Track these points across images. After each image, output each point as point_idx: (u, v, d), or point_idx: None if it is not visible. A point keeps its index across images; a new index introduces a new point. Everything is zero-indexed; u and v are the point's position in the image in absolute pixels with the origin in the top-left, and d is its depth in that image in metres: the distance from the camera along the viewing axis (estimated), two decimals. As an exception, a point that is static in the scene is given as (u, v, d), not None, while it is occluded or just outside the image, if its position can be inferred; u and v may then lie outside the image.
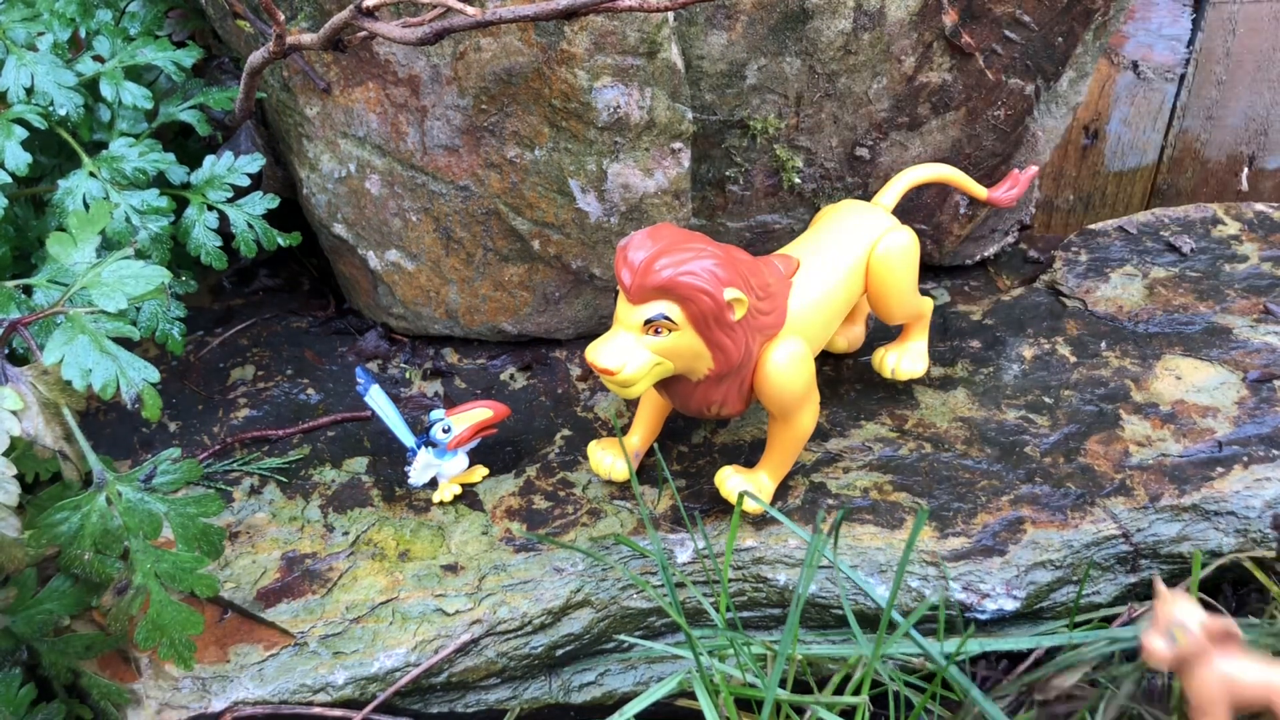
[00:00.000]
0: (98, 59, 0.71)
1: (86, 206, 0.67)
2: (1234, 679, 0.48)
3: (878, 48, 0.68)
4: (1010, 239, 0.86)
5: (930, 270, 0.84)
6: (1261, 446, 0.66)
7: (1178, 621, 0.48)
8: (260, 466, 0.69)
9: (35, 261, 0.70)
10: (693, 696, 0.59)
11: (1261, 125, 0.99)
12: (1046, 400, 0.71)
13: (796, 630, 0.47)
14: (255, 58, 0.66)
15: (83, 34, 0.72)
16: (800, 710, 0.56)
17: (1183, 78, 0.95)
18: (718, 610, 0.57)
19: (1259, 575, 0.63)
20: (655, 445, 0.62)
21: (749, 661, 0.54)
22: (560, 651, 0.60)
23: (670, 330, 0.53)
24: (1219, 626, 0.48)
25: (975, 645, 0.58)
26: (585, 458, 0.68)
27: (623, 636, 0.58)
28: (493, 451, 0.70)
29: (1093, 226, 0.88)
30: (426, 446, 0.65)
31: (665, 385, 0.58)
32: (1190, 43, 0.93)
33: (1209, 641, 0.48)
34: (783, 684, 0.54)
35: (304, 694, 0.57)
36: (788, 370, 0.57)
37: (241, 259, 0.75)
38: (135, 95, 0.70)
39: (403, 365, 0.79)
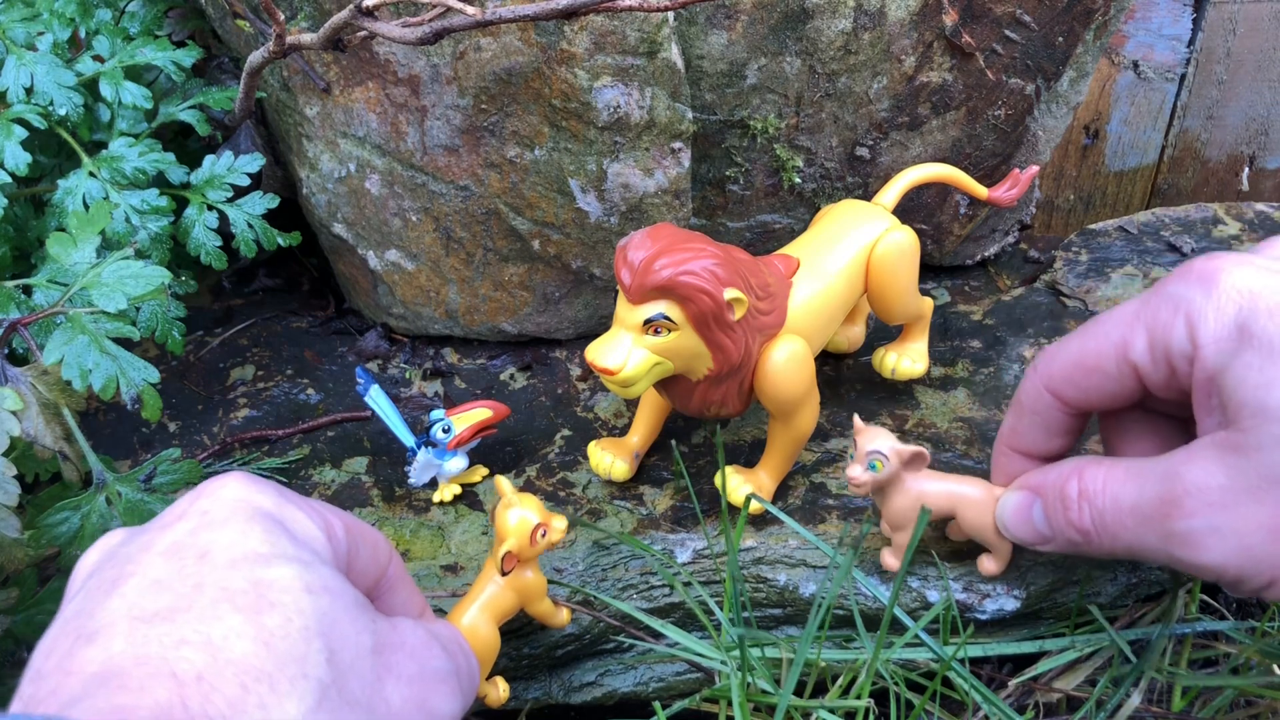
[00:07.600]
0: (97, 59, 0.71)
1: (86, 206, 0.67)
2: (924, 492, 0.54)
3: (878, 47, 0.68)
4: (1010, 239, 0.86)
5: (930, 270, 0.84)
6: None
7: (875, 451, 0.53)
8: (260, 466, 0.69)
9: (35, 261, 0.70)
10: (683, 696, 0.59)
11: (1262, 125, 0.99)
12: (1047, 400, 0.71)
13: (811, 638, 0.47)
14: (255, 58, 0.66)
15: (82, 34, 0.72)
16: (806, 713, 0.56)
17: (1183, 78, 0.95)
18: (724, 612, 0.57)
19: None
20: (673, 444, 0.62)
21: (762, 669, 0.54)
22: (560, 651, 0.60)
23: (670, 330, 0.53)
24: (909, 451, 0.53)
25: (975, 650, 0.58)
26: (585, 458, 0.67)
27: (623, 638, 0.58)
28: (493, 451, 0.70)
29: (1093, 226, 0.88)
30: (426, 446, 0.65)
31: (665, 385, 0.58)
32: (1191, 43, 0.93)
33: (901, 465, 0.53)
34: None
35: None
36: (788, 370, 0.57)
37: (241, 259, 0.75)
38: (135, 95, 0.70)
39: (403, 365, 0.79)
